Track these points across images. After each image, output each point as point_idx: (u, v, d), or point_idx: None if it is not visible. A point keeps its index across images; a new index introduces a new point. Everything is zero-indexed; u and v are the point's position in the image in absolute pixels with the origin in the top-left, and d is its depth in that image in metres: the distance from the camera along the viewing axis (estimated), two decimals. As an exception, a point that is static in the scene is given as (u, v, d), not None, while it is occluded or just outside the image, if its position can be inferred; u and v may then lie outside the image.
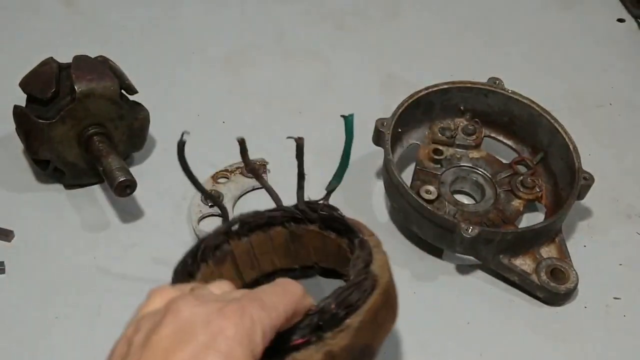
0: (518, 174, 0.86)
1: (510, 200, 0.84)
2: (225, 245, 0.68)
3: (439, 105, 0.90)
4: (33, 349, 0.73)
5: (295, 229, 0.69)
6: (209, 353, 0.48)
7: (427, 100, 0.89)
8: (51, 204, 0.85)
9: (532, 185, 0.85)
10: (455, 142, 0.89)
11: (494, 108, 0.90)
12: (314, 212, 0.68)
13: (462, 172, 0.88)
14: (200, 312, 0.50)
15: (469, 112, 0.90)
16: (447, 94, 0.89)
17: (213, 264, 0.67)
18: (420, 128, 0.91)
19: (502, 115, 0.90)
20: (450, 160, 0.88)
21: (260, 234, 0.69)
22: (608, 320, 0.77)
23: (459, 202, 0.85)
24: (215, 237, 0.68)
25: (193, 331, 0.49)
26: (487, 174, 0.87)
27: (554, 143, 0.86)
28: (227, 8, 1.15)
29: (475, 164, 0.88)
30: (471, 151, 0.89)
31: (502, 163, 0.88)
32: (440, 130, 0.89)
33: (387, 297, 0.60)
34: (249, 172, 0.71)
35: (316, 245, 0.69)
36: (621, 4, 1.18)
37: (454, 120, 0.90)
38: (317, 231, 0.68)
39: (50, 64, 0.84)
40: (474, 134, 0.89)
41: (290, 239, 0.69)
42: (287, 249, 0.70)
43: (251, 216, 0.69)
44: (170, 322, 0.50)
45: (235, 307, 0.50)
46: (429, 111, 0.90)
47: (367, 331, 0.57)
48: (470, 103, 0.90)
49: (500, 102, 0.89)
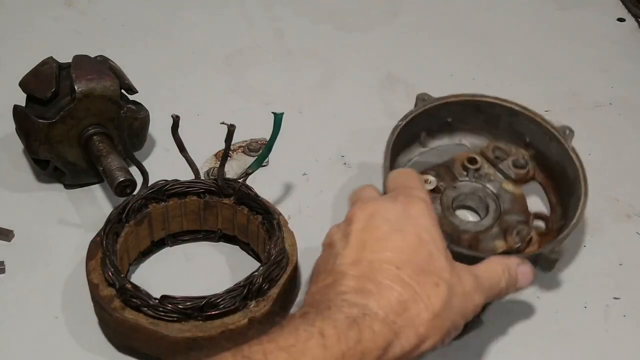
0: (527, 225, 0.79)
1: (496, 239, 0.79)
2: (145, 208, 0.77)
3: (505, 125, 0.85)
4: (33, 349, 0.73)
5: (209, 199, 0.78)
6: (412, 200, 0.64)
7: (491, 110, 0.85)
8: (51, 204, 0.85)
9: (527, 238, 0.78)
10: (498, 165, 0.83)
11: (552, 156, 0.83)
12: (231, 189, 0.78)
13: (480, 191, 0.82)
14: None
15: (533, 149, 0.85)
16: (516, 116, 0.84)
17: (134, 224, 0.76)
18: (479, 136, 0.87)
19: (556, 167, 0.83)
20: (480, 177, 0.83)
21: (176, 200, 0.78)
22: (608, 320, 0.77)
23: (449, 212, 0.81)
24: (138, 201, 0.76)
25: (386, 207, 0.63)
26: (503, 207, 0.81)
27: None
28: (227, 8, 1.15)
29: (500, 194, 0.82)
30: (507, 183, 0.83)
31: (526, 210, 0.81)
32: (493, 149, 0.84)
33: (295, 271, 0.75)
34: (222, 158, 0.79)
35: (226, 216, 0.79)
36: (621, 3, 1.18)
37: (514, 148, 0.85)
38: (230, 204, 0.78)
39: (50, 63, 0.85)
40: (523, 169, 0.83)
41: (202, 207, 0.79)
42: (197, 215, 0.80)
43: (171, 184, 0.78)
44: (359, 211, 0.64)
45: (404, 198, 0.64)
46: (493, 124, 0.86)
47: (281, 300, 0.71)
48: (534, 138, 0.84)
49: (559, 152, 0.82)
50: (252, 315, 0.69)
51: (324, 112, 0.98)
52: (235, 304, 0.68)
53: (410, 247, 0.60)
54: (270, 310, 0.70)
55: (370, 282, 0.58)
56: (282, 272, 0.72)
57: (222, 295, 0.68)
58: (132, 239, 0.76)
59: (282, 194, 0.87)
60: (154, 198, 0.77)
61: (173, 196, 0.78)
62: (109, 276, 0.70)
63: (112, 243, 0.73)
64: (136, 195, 0.77)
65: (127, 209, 0.75)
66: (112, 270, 0.70)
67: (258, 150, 0.90)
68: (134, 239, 0.77)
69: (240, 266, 0.79)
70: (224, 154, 0.77)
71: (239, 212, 0.78)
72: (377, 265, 0.59)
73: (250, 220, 0.78)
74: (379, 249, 0.60)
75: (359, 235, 0.61)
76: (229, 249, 0.82)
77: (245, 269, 0.74)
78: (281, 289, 0.71)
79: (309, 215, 0.85)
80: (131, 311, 0.69)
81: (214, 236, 0.82)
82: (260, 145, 0.91)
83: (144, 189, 0.78)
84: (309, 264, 0.70)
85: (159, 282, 0.75)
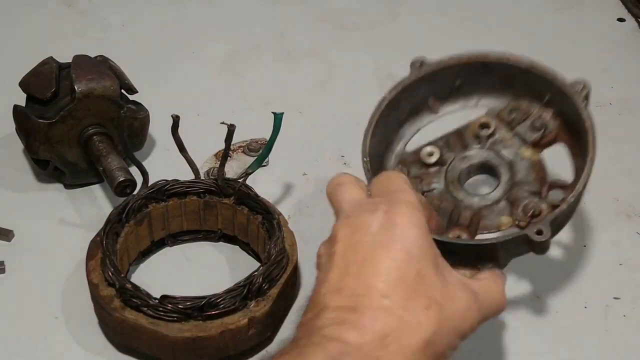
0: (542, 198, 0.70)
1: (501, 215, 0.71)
2: (145, 208, 0.77)
3: (521, 83, 0.74)
4: (33, 349, 0.73)
5: (209, 199, 0.79)
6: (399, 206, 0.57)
7: (501, 69, 0.75)
8: (51, 204, 0.85)
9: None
10: (515, 129, 0.74)
11: (572, 115, 0.72)
12: (231, 189, 0.78)
13: (493, 159, 0.73)
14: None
15: (554, 108, 0.74)
16: (528, 74, 0.74)
17: (133, 224, 0.76)
18: (498, 96, 0.76)
19: (576, 127, 0.71)
20: (495, 143, 0.74)
21: (176, 200, 0.78)
22: (608, 320, 0.77)
23: (456, 185, 0.73)
24: (138, 201, 0.76)
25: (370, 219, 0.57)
26: (517, 176, 0.72)
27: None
28: (227, 8, 1.15)
29: (515, 162, 0.72)
30: (526, 148, 0.73)
31: (544, 178, 0.71)
32: (510, 110, 0.74)
33: (295, 271, 0.75)
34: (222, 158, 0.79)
35: (226, 216, 0.79)
36: (621, 3, 1.18)
37: (535, 107, 0.74)
38: (230, 204, 0.78)
39: (50, 63, 0.85)
40: (542, 131, 0.73)
41: (202, 207, 0.79)
42: (197, 215, 0.80)
43: (171, 184, 0.78)
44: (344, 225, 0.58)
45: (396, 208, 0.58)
46: (508, 83, 0.75)
47: (281, 300, 0.72)
48: (554, 96, 0.73)
49: (574, 111, 0.71)
50: (252, 315, 0.69)
51: (324, 112, 0.98)
52: (235, 303, 0.69)
53: (396, 267, 0.54)
54: (270, 310, 0.70)
55: (353, 312, 0.53)
56: (282, 272, 0.72)
57: (222, 295, 0.68)
58: (132, 239, 0.76)
59: (282, 194, 0.87)
60: (154, 198, 0.77)
61: (173, 196, 0.78)
62: (109, 276, 0.70)
63: (112, 243, 0.73)
64: (136, 195, 0.77)
65: (127, 209, 0.76)
66: (112, 270, 0.70)
67: (258, 150, 0.90)
68: (133, 239, 0.77)
69: (240, 266, 0.79)
70: (224, 154, 0.77)
71: (239, 212, 0.78)
72: (361, 293, 0.54)
73: (250, 220, 0.78)
74: (363, 273, 0.55)
75: (342, 258, 0.56)
76: (229, 249, 0.82)
77: (245, 269, 0.74)
78: (281, 289, 0.71)
79: (309, 215, 0.85)
80: (131, 311, 0.69)
81: (214, 236, 0.82)
82: (260, 145, 0.91)
83: (144, 189, 0.78)
84: (309, 264, 0.70)
85: (159, 282, 0.75)
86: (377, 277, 0.54)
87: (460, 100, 0.78)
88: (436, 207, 0.71)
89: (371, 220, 0.56)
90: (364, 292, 0.54)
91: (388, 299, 0.53)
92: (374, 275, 0.54)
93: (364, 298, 0.53)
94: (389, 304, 0.53)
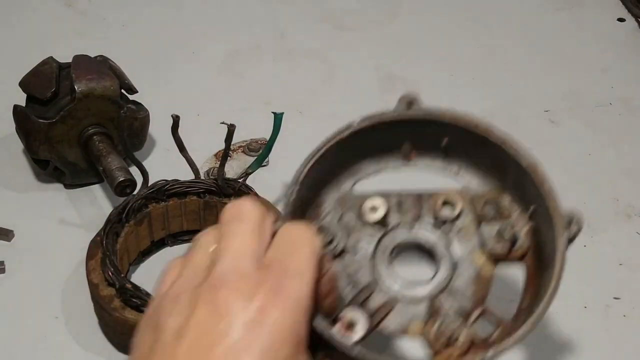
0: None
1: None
2: (145, 208, 0.77)
3: (513, 177, 0.59)
4: (33, 349, 0.73)
5: (209, 199, 0.79)
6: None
7: (498, 151, 0.58)
8: (51, 203, 0.85)
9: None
10: (481, 226, 0.59)
11: (548, 241, 0.57)
12: (231, 189, 0.78)
13: (439, 247, 0.58)
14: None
15: (535, 223, 0.58)
16: (524, 175, 0.57)
17: (133, 224, 0.76)
18: (484, 176, 0.62)
19: (549, 259, 0.57)
20: (451, 230, 0.59)
21: (176, 200, 0.79)
22: (608, 320, 0.77)
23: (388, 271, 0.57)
24: (138, 201, 0.76)
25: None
26: (453, 282, 0.57)
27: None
28: (227, 8, 1.15)
29: (461, 264, 0.57)
30: (482, 254, 0.58)
31: (481, 300, 0.56)
32: (487, 200, 0.60)
33: None
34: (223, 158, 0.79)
35: None
36: (621, 3, 1.18)
37: (516, 211, 0.59)
38: None
39: (50, 63, 0.84)
40: (509, 245, 0.57)
41: (203, 207, 0.79)
42: (197, 215, 0.80)
43: (171, 184, 0.78)
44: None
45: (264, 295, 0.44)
46: (500, 169, 0.60)
47: None
48: (539, 209, 0.57)
49: (552, 240, 0.56)
50: None
51: (324, 112, 0.98)
52: None
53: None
54: None
55: None
56: None
57: None
58: (132, 238, 0.76)
59: (282, 194, 0.87)
60: (153, 198, 0.78)
61: (173, 196, 0.78)
62: (109, 276, 0.70)
63: (112, 243, 0.73)
64: (136, 195, 0.77)
65: (127, 209, 0.76)
66: (112, 270, 0.70)
67: (258, 150, 0.90)
68: (134, 238, 0.77)
69: (240, 266, 0.79)
70: (224, 154, 0.77)
71: None
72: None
73: None
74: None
75: (188, 349, 0.42)
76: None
77: (245, 269, 0.74)
78: None
79: (309, 215, 0.85)
80: (131, 311, 0.69)
81: None
82: (260, 145, 0.91)
83: (144, 189, 0.78)
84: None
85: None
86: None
87: (439, 161, 0.64)
88: (350, 272, 0.57)
89: (241, 313, 0.43)
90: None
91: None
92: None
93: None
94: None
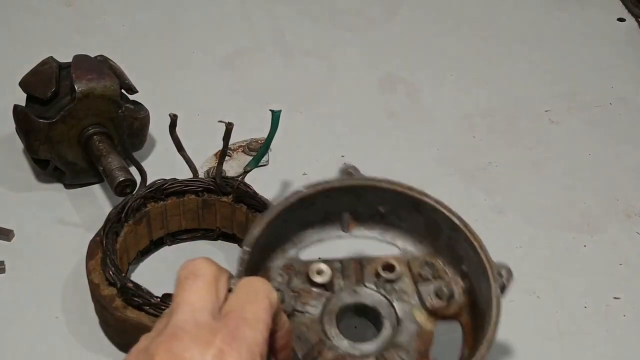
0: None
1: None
2: (143, 207, 0.77)
3: (445, 239, 0.65)
4: (33, 349, 0.73)
5: (207, 198, 0.79)
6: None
7: (432, 215, 0.64)
8: (51, 203, 0.85)
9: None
10: (419, 286, 0.64)
11: (482, 297, 0.61)
12: (230, 187, 0.78)
13: (383, 307, 0.63)
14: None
15: (469, 281, 0.64)
16: (456, 232, 0.63)
17: (132, 223, 0.76)
18: (418, 242, 0.67)
19: (484, 313, 0.60)
20: (392, 291, 0.64)
21: (175, 199, 0.78)
22: (608, 320, 0.77)
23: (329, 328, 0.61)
24: (136, 200, 0.76)
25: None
26: (398, 338, 0.61)
27: None
28: (227, 8, 1.15)
29: (403, 321, 0.62)
30: (422, 312, 0.62)
31: (426, 353, 0.61)
32: (422, 264, 0.65)
33: None
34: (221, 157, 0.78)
35: (224, 214, 0.79)
36: (621, 3, 1.18)
37: (450, 271, 0.65)
38: (228, 202, 0.78)
39: (50, 63, 0.84)
40: (446, 301, 0.62)
41: (201, 205, 0.79)
42: (195, 214, 0.80)
43: (169, 183, 0.78)
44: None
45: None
46: (433, 233, 0.66)
47: None
48: (471, 267, 0.63)
49: (487, 294, 0.60)
50: None
51: (324, 112, 0.98)
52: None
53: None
54: None
55: None
56: None
57: None
58: (131, 238, 0.76)
59: (282, 194, 0.87)
60: (152, 197, 0.78)
61: (171, 195, 0.78)
62: (110, 275, 0.70)
63: (112, 243, 0.73)
64: (135, 195, 0.77)
65: (126, 209, 0.76)
66: (113, 269, 0.70)
67: (258, 149, 0.90)
68: (133, 238, 0.77)
69: (239, 265, 0.79)
70: (222, 152, 0.77)
71: (238, 210, 0.78)
72: None
73: (248, 218, 0.78)
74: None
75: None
76: (227, 247, 0.82)
77: (245, 268, 0.74)
78: None
79: (309, 215, 0.85)
80: (133, 310, 0.69)
81: (213, 234, 0.82)
82: (260, 145, 0.91)
83: (143, 188, 0.78)
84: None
85: (158, 282, 0.75)
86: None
87: (377, 229, 0.68)
88: (301, 333, 0.60)
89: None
90: None
91: None
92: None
93: None
94: None
